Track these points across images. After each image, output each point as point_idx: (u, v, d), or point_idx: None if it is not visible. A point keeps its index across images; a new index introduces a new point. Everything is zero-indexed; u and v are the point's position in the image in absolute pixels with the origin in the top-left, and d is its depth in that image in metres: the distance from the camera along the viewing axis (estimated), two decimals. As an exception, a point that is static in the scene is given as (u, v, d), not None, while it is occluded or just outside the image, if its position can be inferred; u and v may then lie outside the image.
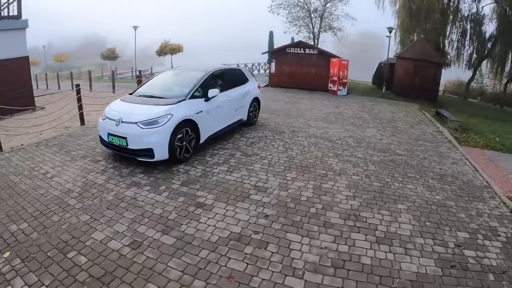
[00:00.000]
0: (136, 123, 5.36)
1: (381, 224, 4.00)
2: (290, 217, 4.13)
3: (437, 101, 17.22)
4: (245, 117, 7.93)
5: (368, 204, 4.51)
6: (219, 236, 3.68)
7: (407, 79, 17.01)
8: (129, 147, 5.41)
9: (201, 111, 6.04)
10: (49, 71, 33.52)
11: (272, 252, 3.45)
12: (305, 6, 24.85)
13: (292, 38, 23.98)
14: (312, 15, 24.61)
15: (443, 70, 18.89)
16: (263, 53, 18.62)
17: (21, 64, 10.53)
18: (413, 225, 4.04)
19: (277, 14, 24.57)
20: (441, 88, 21.79)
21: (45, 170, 5.83)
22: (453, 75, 25.21)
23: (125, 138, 5.40)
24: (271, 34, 23.70)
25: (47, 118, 9.00)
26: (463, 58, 23.23)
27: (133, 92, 6.70)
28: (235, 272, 3.15)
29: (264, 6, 24.56)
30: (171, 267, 3.18)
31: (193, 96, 6.05)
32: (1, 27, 10.12)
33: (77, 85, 8.21)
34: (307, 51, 17.77)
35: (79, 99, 8.15)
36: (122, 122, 5.49)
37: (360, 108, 12.72)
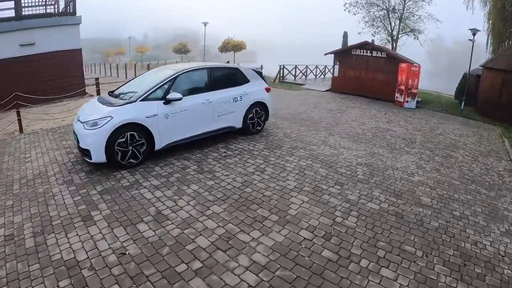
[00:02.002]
0: (83, 123, 4.69)
1: None
2: (144, 266, 2.73)
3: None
4: (238, 124, 6.24)
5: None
6: (61, 257, 2.88)
7: (493, 95, 12.07)
8: (79, 145, 4.77)
9: (155, 115, 4.79)
10: (133, 60, 37.50)
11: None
12: (383, 5, 20.43)
13: (373, 41, 20.05)
14: (390, 14, 20.16)
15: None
16: (325, 54, 15.83)
17: (74, 55, 11.16)
18: None
19: (354, 14, 20.90)
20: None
21: (30, 155, 5.88)
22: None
23: (77, 136, 4.85)
24: (345, 35, 20.17)
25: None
26: None
27: (114, 91, 5.87)
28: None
29: (340, 4, 21.23)
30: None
31: (146, 99, 4.86)
32: (58, 23, 10.83)
33: (96, 79, 7.88)
34: (374, 53, 14.26)
35: (98, 92, 7.79)
36: (78, 120, 4.94)
37: (419, 126, 9.37)
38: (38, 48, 10.22)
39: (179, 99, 4.96)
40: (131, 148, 4.67)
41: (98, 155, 4.48)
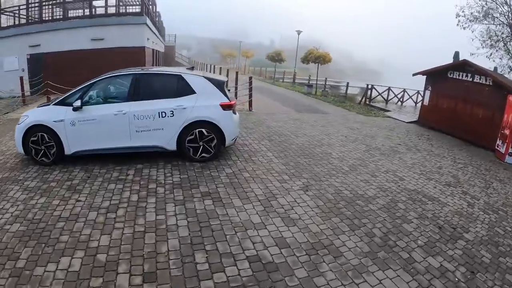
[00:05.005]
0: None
1: None
2: None
3: None
4: (170, 146, 5.52)
5: None
6: None
7: None
8: None
9: (62, 120, 5.23)
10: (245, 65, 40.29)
11: None
12: (507, 19, 13.87)
13: (495, 69, 14.27)
14: None
15: None
16: (413, 75, 12.35)
17: (137, 53, 13.00)
18: None
19: (472, 31, 15.32)
20: None
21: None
22: None
23: None
24: (456, 56, 14.69)
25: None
26: None
27: None
28: None
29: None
30: None
31: (60, 103, 5.40)
32: (123, 22, 12.70)
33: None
34: (476, 78, 9.97)
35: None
36: None
37: (501, 202, 5.65)
38: (106, 43, 12.74)
39: (78, 107, 5.17)
40: (43, 147, 5.34)
41: (19, 147, 5.44)
